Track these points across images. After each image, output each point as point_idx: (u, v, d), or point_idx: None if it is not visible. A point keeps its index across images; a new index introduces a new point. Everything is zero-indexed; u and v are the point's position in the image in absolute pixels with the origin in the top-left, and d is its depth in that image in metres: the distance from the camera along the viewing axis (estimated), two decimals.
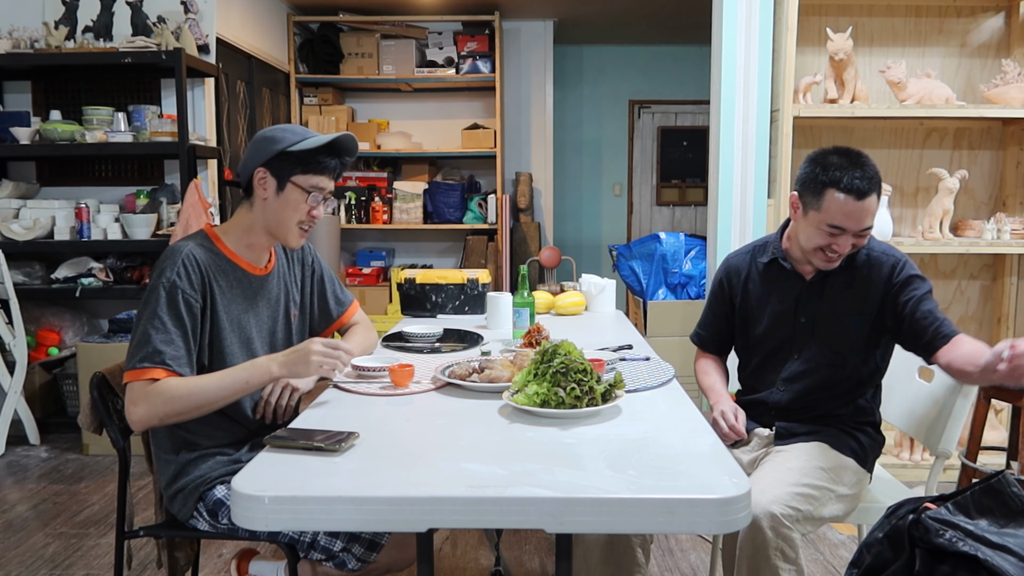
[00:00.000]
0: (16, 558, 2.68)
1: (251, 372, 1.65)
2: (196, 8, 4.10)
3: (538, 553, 2.71)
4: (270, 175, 1.73)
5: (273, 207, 1.74)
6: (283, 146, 1.71)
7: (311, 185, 1.74)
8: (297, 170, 1.73)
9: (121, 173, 4.34)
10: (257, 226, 1.78)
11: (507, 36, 6.18)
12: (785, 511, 1.66)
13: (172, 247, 1.71)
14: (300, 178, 1.73)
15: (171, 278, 1.64)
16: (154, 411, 1.58)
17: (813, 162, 1.88)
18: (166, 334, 1.61)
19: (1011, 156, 3.51)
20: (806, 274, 1.99)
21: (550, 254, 5.51)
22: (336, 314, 2.05)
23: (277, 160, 1.72)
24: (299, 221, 1.76)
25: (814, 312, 1.97)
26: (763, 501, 1.66)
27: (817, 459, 1.85)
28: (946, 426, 1.89)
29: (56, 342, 4.15)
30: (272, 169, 1.72)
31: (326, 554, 1.70)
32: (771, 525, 1.64)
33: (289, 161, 1.72)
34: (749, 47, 3.34)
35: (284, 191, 1.73)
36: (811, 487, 1.76)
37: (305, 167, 1.73)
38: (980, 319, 3.62)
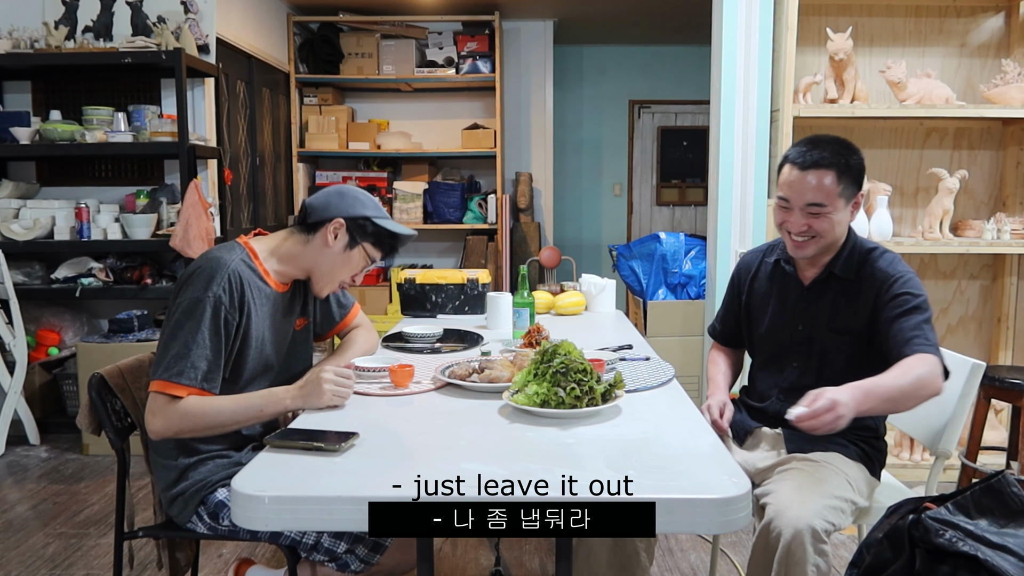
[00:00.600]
0: (16, 558, 2.68)
1: (267, 402, 1.69)
2: (196, 8, 4.10)
3: (538, 553, 2.71)
4: (345, 230, 1.80)
5: (332, 259, 1.81)
6: (370, 213, 1.82)
7: (372, 257, 1.85)
8: (371, 240, 1.82)
9: (121, 173, 4.34)
10: (304, 263, 1.83)
11: (507, 36, 6.18)
12: (825, 526, 1.62)
13: (215, 259, 1.71)
14: (370, 247, 1.83)
15: (218, 294, 1.66)
16: (170, 426, 1.63)
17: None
18: (204, 350, 1.64)
19: (1011, 156, 3.50)
20: (805, 280, 1.96)
21: (550, 254, 5.51)
22: (339, 317, 2.07)
23: (360, 221, 1.80)
24: (342, 280, 1.86)
25: (811, 321, 1.93)
26: (804, 515, 1.61)
27: (840, 471, 1.81)
28: (946, 426, 1.89)
29: (56, 342, 4.15)
30: (351, 226, 1.80)
31: (329, 555, 1.70)
32: (812, 540, 1.59)
33: (369, 229, 1.81)
34: (749, 47, 3.34)
35: (352, 251, 1.81)
36: (840, 499, 1.73)
37: (376, 240, 1.84)
38: (980, 319, 3.62)
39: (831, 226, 1.85)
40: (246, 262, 1.76)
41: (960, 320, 3.63)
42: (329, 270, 1.82)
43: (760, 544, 1.64)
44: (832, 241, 1.89)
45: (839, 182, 1.82)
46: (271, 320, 1.81)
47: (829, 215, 1.83)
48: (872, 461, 1.92)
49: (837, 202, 1.83)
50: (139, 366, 1.90)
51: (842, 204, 1.84)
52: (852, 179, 1.84)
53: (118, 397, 1.81)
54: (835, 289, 1.91)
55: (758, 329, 2.05)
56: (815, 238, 1.87)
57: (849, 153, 1.85)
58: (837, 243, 1.91)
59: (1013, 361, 3.57)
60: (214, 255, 1.72)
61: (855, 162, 1.85)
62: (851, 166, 1.83)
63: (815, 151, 1.83)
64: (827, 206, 1.82)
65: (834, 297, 1.91)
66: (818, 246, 1.88)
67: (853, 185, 1.85)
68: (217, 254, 1.73)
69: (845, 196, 1.84)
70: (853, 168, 1.84)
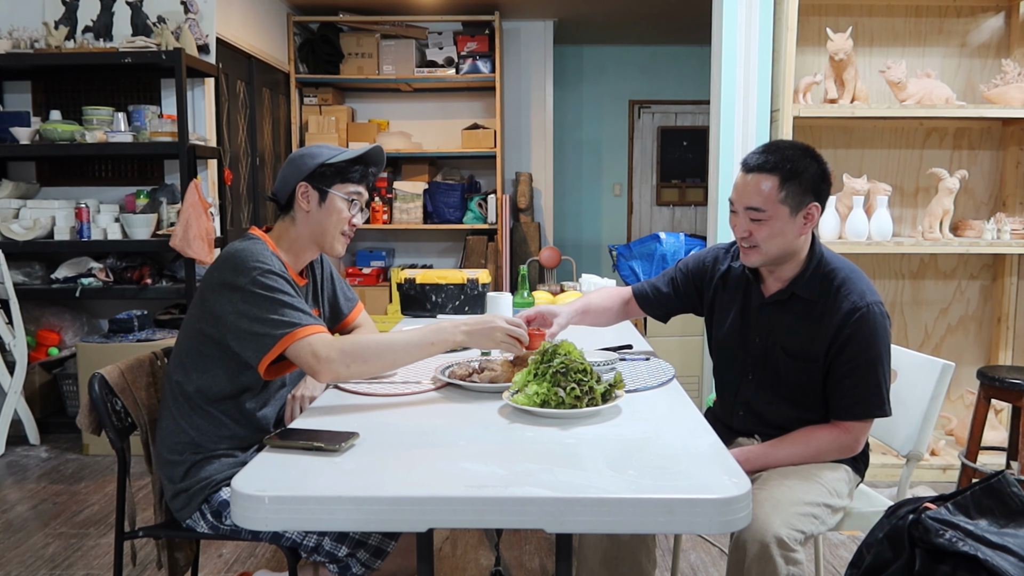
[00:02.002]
0: (16, 558, 2.68)
1: (436, 335, 1.70)
2: (196, 8, 4.10)
3: (538, 553, 2.71)
4: (311, 188, 1.80)
5: (317, 218, 1.81)
6: (322, 160, 1.80)
7: (349, 193, 1.83)
8: (336, 181, 1.82)
9: (121, 173, 4.34)
10: (303, 239, 1.84)
11: (507, 36, 6.18)
12: (793, 535, 1.61)
13: (240, 247, 1.71)
14: (339, 187, 1.82)
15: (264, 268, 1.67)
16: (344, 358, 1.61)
17: None
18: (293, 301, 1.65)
19: (1011, 156, 3.51)
20: (767, 291, 1.90)
21: (550, 254, 5.51)
22: (346, 310, 2.09)
23: (317, 173, 1.80)
24: (341, 230, 1.85)
25: (767, 335, 1.88)
26: (771, 525, 1.60)
27: (815, 474, 1.79)
28: (918, 428, 1.87)
29: (56, 342, 4.15)
30: (313, 182, 1.80)
31: (330, 558, 1.70)
32: (781, 552, 1.58)
33: (329, 173, 1.81)
34: (749, 47, 3.34)
35: (326, 202, 1.81)
36: (813, 505, 1.71)
37: (343, 177, 1.82)
38: (980, 319, 3.63)
39: (771, 235, 1.76)
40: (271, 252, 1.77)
41: (960, 320, 3.63)
42: (322, 230, 1.82)
43: (733, 558, 1.65)
44: (779, 253, 1.80)
45: (781, 188, 1.73)
46: None
47: (769, 223, 1.75)
48: (856, 461, 1.89)
49: (778, 209, 1.74)
50: (139, 366, 1.90)
51: (785, 213, 1.74)
52: (800, 188, 1.74)
53: (118, 397, 1.81)
54: (794, 310, 1.84)
55: (718, 332, 2.01)
56: (756, 247, 1.79)
57: (802, 160, 1.75)
58: (789, 256, 1.82)
59: (1013, 361, 3.57)
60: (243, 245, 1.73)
61: (808, 170, 1.75)
62: (799, 173, 1.74)
63: (764, 155, 1.77)
64: (765, 211, 1.75)
65: (792, 318, 1.84)
66: (761, 256, 1.80)
67: (801, 194, 1.74)
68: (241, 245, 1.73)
69: (789, 205, 1.74)
70: (803, 176, 1.74)
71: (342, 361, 1.60)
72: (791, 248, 1.80)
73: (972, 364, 3.59)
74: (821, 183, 1.78)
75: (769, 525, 1.60)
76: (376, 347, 1.64)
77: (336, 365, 1.60)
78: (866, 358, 1.75)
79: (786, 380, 1.86)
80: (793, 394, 1.86)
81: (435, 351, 1.70)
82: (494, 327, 1.71)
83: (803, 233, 1.79)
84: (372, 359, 1.64)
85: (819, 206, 1.78)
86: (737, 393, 1.97)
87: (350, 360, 1.61)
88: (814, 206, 1.77)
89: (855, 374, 1.76)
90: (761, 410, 1.92)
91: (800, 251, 1.83)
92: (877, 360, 1.75)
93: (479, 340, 1.72)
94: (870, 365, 1.75)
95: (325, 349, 1.60)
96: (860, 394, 1.76)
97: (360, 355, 1.62)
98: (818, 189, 1.77)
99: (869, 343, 1.74)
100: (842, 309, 1.76)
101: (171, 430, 1.76)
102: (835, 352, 1.78)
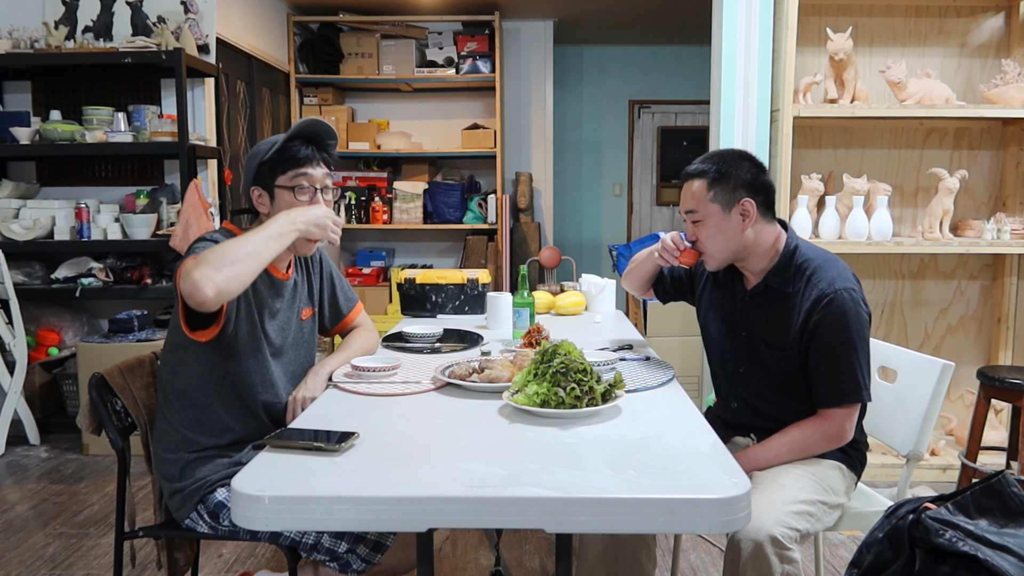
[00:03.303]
0: (16, 558, 2.68)
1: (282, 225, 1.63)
2: (196, 8, 4.10)
3: (538, 553, 2.71)
4: (260, 189, 1.77)
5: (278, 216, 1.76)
6: (259, 158, 1.75)
7: (293, 181, 1.75)
8: (276, 173, 1.75)
9: (121, 173, 4.34)
10: None
11: (507, 36, 6.18)
12: (786, 532, 1.62)
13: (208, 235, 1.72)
14: (281, 179, 1.75)
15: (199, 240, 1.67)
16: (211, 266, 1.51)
17: None
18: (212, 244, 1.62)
19: (1011, 156, 3.51)
20: (747, 286, 1.95)
21: (550, 254, 5.51)
22: (346, 310, 2.08)
23: (259, 173, 1.76)
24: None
25: (750, 327, 1.93)
26: (764, 524, 1.61)
27: (808, 472, 1.80)
28: (918, 428, 1.87)
29: (56, 342, 4.15)
30: (260, 183, 1.76)
31: (330, 555, 1.70)
32: (775, 550, 1.59)
33: (267, 169, 1.75)
34: (749, 47, 3.34)
35: (277, 199, 1.76)
36: (807, 503, 1.72)
37: (282, 167, 1.75)
38: (980, 319, 3.62)
39: (710, 235, 1.86)
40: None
41: (960, 320, 3.63)
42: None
43: (728, 557, 1.65)
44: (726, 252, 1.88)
45: (709, 189, 1.84)
46: (272, 302, 1.82)
47: (705, 222, 1.86)
48: (851, 458, 1.90)
49: (709, 208, 1.84)
50: (139, 366, 1.90)
51: (716, 210, 1.84)
52: (729, 186, 1.83)
53: (118, 397, 1.81)
54: (770, 301, 1.89)
55: (709, 327, 2.07)
56: (705, 251, 1.90)
57: (732, 163, 1.85)
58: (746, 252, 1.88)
59: (1013, 361, 3.57)
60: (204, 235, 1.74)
61: (737, 170, 1.84)
62: (726, 173, 1.84)
63: (697, 164, 1.89)
64: (698, 211, 1.86)
65: (768, 310, 1.89)
66: (713, 260, 1.90)
67: (731, 192, 1.83)
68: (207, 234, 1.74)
69: (719, 202, 1.84)
70: (731, 175, 1.83)
71: (214, 268, 1.51)
72: (739, 244, 1.87)
73: (972, 364, 3.59)
74: (755, 180, 1.86)
75: (763, 524, 1.61)
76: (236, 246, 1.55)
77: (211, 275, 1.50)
78: (838, 342, 1.77)
79: (773, 371, 1.89)
80: (780, 384, 1.89)
81: (284, 242, 1.64)
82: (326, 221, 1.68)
83: (744, 228, 1.85)
84: (240, 259, 1.54)
85: (753, 202, 1.84)
86: (731, 386, 2.00)
87: (220, 265, 1.52)
88: (748, 202, 1.84)
89: (828, 360, 1.78)
90: (754, 402, 1.95)
91: (761, 246, 1.88)
92: (849, 345, 1.77)
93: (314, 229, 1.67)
94: (843, 350, 1.77)
95: (192, 269, 1.51)
96: (835, 380, 1.78)
97: (228, 259, 1.53)
98: (753, 186, 1.85)
99: (839, 328, 1.77)
100: (811, 297, 1.80)
101: (165, 428, 1.76)
102: (807, 340, 1.81)
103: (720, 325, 2.01)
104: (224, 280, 1.51)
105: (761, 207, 1.85)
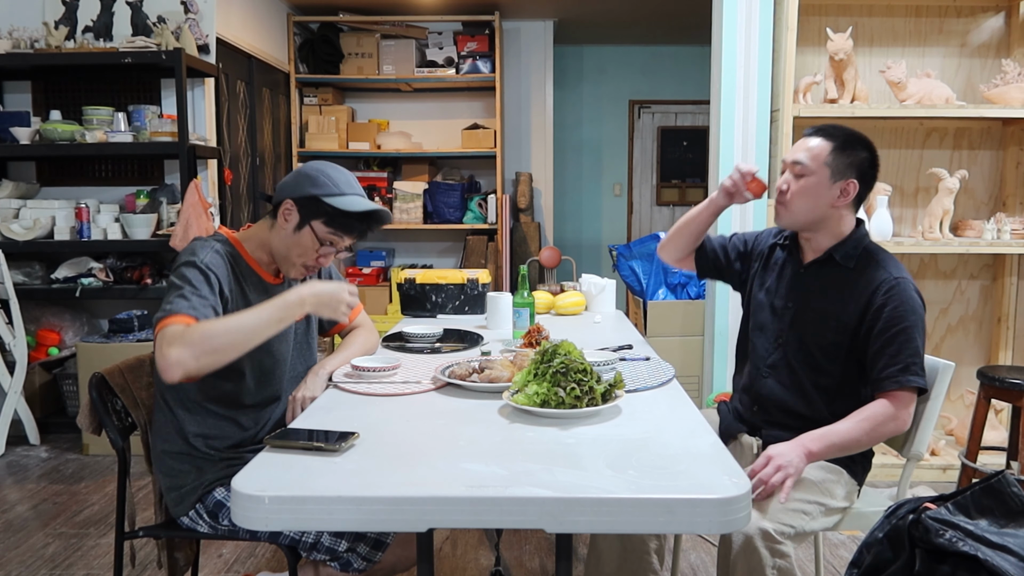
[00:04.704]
0: (16, 558, 2.68)
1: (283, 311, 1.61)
2: (196, 8, 4.10)
3: (538, 553, 2.71)
4: (295, 211, 1.75)
5: (286, 240, 1.77)
6: (319, 192, 1.74)
7: (326, 237, 1.77)
8: (322, 219, 1.75)
9: (121, 173, 4.34)
10: (270, 247, 1.81)
11: (507, 36, 6.18)
12: (778, 527, 1.63)
13: (201, 240, 1.72)
14: (320, 227, 1.76)
15: (206, 260, 1.66)
16: (191, 349, 1.49)
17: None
18: (200, 298, 1.61)
19: (1011, 156, 3.50)
20: (804, 260, 1.97)
21: (550, 254, 5.51)
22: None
23: (308, 201, 1.74)
24: (304, 263, 1.79)
25: (799, 297, 1.93)
26: (754, 520, 1.62)
27: (808, 472, 1.79)
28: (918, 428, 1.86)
29: (56, 342, 4.15)
30: (299, 206, 1.75)
31: (330, 555, 1.69)
32: (766, 544, 1.61)
33: (319, 208, 1.74)
34: (749, 47, 3.34)
35: (301, 231, 1.76)
36: (803, 502, 1.73)
37: (330, 220, 1.75)
38: (980, 319, 3.62)
39: (804, 193, 1.85)
40: (230, 250, 1.77)
41: (960, 320, 3.63)
42: (285, 252, 1.78)
43: (720, 552, 1.67)
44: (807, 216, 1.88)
45: (831, 153, 1.84)
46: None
47: (807, 179, 1.85)
48: (855, 463, 1.89)
49: (821, 170, 1.84)
50: (139, 366, 1.90)
51: (826, 175, 1.84)
52: (847, 160, 1.84)
53: (118, 397, 1.81)
54: (830, 276, 1.90)
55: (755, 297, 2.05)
56: (786, 205, 1.89)
57: (858, 142, 1.86)
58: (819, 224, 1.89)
59: (1013, 361, 3.57)
60: (199, 240, 1.74)
61: (859, 152, 1.85)
62: (850, 148, 1.85)
63: (826, 127, 1.89)
64: (808, 166, 1.85)
65: (827, 283, 1.90)
66: (790, 215, 1.89)
67: (846, 166, 1.84)
68: (201, 238, 1.75)
69: (832, 168, 1.84)
70: (853, 152, 1.85)
71: (192, 355, 1.49)
72: (820, 214, 1.88)
73: (972, 364, 3.59)
74: (868, 168, 1.88)
75: (754, 518, 1.62)
76: (225, 334, 1.53)
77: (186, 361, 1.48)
78: (906, 325, 1.78)
79: (811, 344, 1.88)
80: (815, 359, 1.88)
81: (284, 326, 1.64)
82: (338, 299, 1.66)
83: (836, 205, 1.87)
84: (223, 349, 1.53)
85: (857, 185, 1.86)
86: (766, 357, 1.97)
87: (200, 354, 1.50)
88: (853, 183, 1.86)
89: (895, 342, 1.78)
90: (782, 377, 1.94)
91: (835, 224, 1.90)
92: (916, 329, 1.79)
93: (322, 311, 1.66)
94: (911, 333, 1.78)
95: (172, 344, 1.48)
96: (902, 360, 1.77)
97: (210, 347, 1.51)
98: (863, 172, 1.87)
99: (906, 311, 1.78)
100: (877, 278, 1.82)
101: (164, 428, 1.77)
102: (871, 321, 1.81)
103: (767, 297, 2.01)
104: (197, 368, 1.52)
105: (857, 196, 1.88)
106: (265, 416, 1.83)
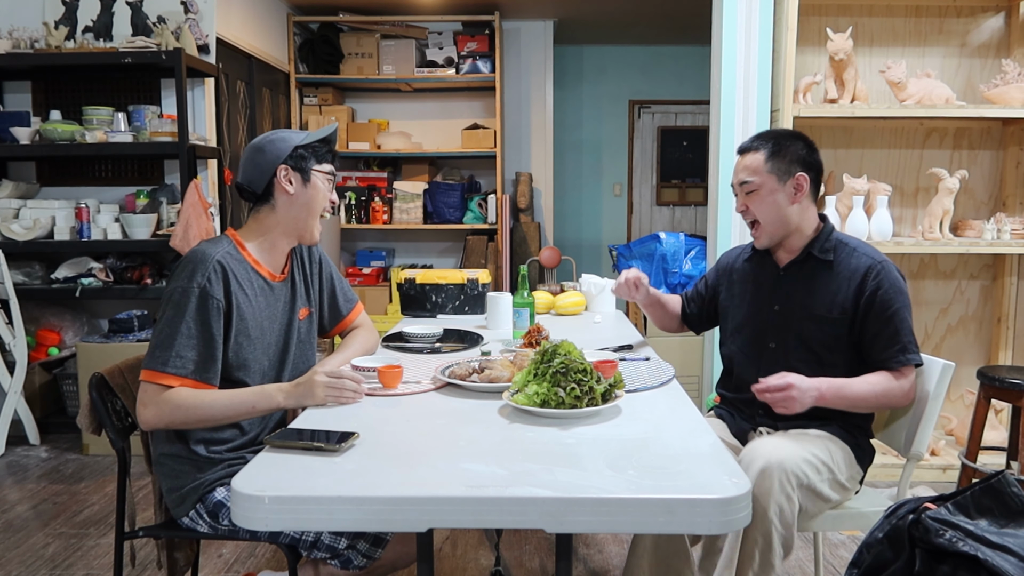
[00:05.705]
0: (16, 558, 2.68)
1: (259, 398, 1.69)
2: (196, 8, 4.10)
3: (538, 553, 2.71)
4: (292, 170, 1.81)
5: (302, 200, 1.82)
6: (296, 142, 1.82)
7: (327, 172, 1.87)
8: (314, 160, 1.84)
9: (121, 173, 4.34)
10: (282, 227, 1.83)
11: (507, 36, 6.18)
12: (797, 470, 1.70)
13: (201, 251, 1.72)
14: (319, 167, 1.85)
15: (203, 284, 1.67)
16: (161, 417, 1.64)
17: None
18: (192, 340, 1.64)
19: (1011, 156, 3.50)
20: (781, 262, 2.01)
21: (550, 254, 5.51)
22: (345, 311, 2.08)
23: (295, 156, 1.81)
24: (323, 208, 1.88)
25: (785, 300, 1.97)
26: (777, 454, 1.69)
27: (825, 440, 1.86)
28: (918, 428, 1.87)
29: (56, 342, 4.15)
30: (292, 165, 1.81)
31: (331, 552, 1.69)
32: (780, 475, 1.67)
33: (307, 154, 1.82)
34: (749, 47, 3.34)
35: (311, 182, 1.83)
36: (818, 458, 1.79)
37: (319, 158, 1.85)
38: (980, 319, 3.62)
39: (764, 204, 1.92)
40: (233, 254, 1.76)
41: (960, 320, 3.63)
42: (308, 211, 1.84)
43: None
44: (778, 225, 1.94)
45: (767, 160, 1.91)
46: (270, 311, 1.81)
47: (759, 191, 1.91)
48: (862, 450, 1.94)
49: (766, 178, 1.90)
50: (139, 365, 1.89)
51: (773, 180, 1.90)
52: (786, 159, 1.90)
53: (118, 397, 1.81)
54: (812, 272, 1.95)
55: (736, 316, 2.09)
56: (757, 223, 1.95)
57: (787, 139, 1.93)
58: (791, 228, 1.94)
59: (1013, 361, 3.57)
60: (200, 248, 1.74)
61: (793, 146, 1.91)
62: (783, 147, 1.91)
63: (753, 139, 1.96)
64: (754, 180, 1.91)
65: (810, 280, 1.95)
66: (767, 234, 1.95)
67: (788, 165, 1.90)
68: (203, 247, 1.74)
69: (776, 173, 1.90)
70: (788, 150, 1.91)
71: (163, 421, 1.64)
72: (788, 218, 1.93)
73: (972, 364, 3.59)
74: (808, 157, 1.93)
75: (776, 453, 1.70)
76: (197, 409, 1.64)
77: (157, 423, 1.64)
78: (899, 305, 1.86)
79: (809, 341, 1.92)
80: (817, 355, 1.92)
81: (256, 414, 1.72)
82: (314, 384, 1.67)
83: (795, 202, 1.92)
84: (191, 422, 1.67)
85: (807, 177, 1.92)
86: (759, 363, 1.99)
87: (170, 421, 1.65)
88: (802, 176, 1.91)
89: (892, 323, 1.85)
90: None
91: (804, 224, 1.95)
92: (907, 309, 1.87)
93: (303, 400, 1.68)
94: (904, 313, 1.86)
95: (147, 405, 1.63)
96: (900, 341, 1.85)
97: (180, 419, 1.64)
98: (805, 161, 1.93)
99: (895, 293, 1.86)
100: (863, 264, 1.90)
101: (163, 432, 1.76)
102: (864, 307, 1.87)
103: (749, 306, 2.04)
104: (165, 427, 1.68)
105: (812, 185, 1.93)
106: (266, 418, 1.83)
